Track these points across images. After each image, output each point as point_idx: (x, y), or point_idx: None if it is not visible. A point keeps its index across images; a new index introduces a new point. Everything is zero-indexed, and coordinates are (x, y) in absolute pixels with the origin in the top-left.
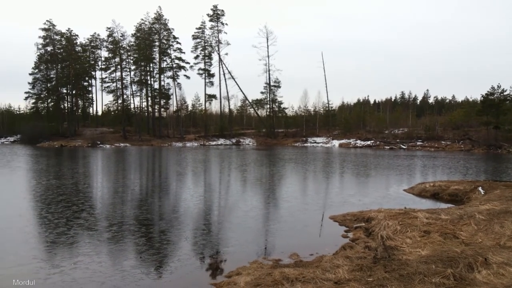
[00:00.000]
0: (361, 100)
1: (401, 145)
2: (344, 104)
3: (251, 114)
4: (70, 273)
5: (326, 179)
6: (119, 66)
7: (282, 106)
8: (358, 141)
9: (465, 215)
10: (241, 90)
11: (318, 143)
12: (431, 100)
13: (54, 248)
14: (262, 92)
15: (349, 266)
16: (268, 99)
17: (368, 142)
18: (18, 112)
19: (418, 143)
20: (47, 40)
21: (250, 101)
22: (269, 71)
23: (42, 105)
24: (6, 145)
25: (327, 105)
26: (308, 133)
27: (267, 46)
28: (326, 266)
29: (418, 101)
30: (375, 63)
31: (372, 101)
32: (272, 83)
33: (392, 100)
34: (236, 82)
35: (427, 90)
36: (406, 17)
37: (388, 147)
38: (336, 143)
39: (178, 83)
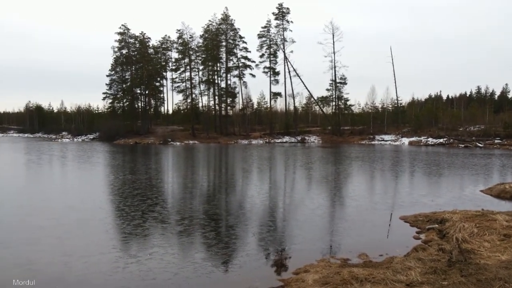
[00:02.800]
0: (433, 96)
1: (477, 143)
2: (414, 100)
3: (316, 111)
4: (146, 263)
5: (396, 178)
6: (188, 67)
7: (348, 103)
8: (430, 139)
9: None
10: (306, 88)
11: (386, 141)
12: (510, 95)
13: (131, 239)
14: (327, 89)
15: (422, 269)
16: (334, 96)
17: (441, 140)
18: (96, 112)
19: (496, 141)
20: (122, 44)
21: (315, 98)
22: (334, 67)
23: (118, 104)
24: (86, 142)
25: (396, 101)
26: (375, 130)
27: (333, 42)
28: (397, 267)
29: (496, 96)
30: (448, 55)
31: (444, 97)
32: (338, 80)
33: (467, 95)
34: (301, 79)
35: (506, 84)
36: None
37: (462, 145)
38: (405, 141)
39: (244, 81)
